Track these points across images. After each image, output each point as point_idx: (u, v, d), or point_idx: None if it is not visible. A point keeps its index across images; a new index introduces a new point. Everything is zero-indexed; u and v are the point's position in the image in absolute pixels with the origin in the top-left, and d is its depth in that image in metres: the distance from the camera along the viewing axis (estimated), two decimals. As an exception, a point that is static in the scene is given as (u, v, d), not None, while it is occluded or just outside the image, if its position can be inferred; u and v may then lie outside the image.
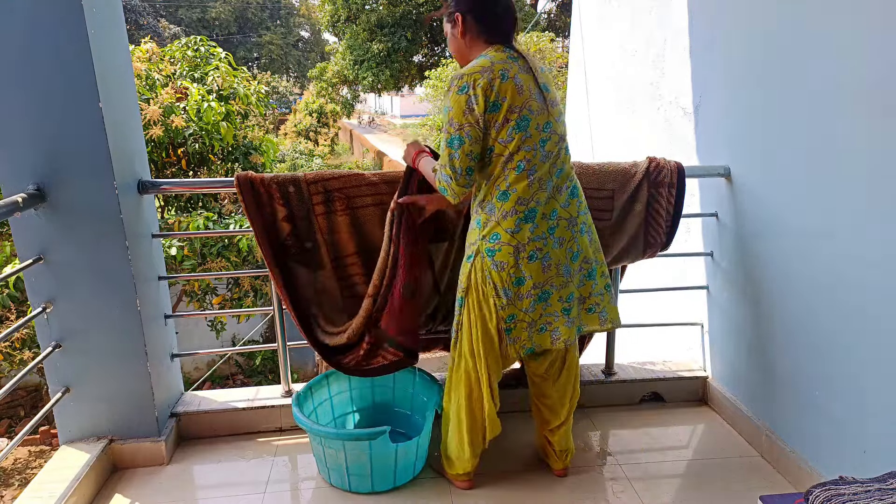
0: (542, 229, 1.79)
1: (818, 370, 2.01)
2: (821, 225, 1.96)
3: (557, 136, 1.80)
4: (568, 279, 1.86)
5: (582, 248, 1.87)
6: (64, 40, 1.84)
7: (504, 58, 1.73)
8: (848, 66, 1.82)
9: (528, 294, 1.83)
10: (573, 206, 1.85)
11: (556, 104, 1.82)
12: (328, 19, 19.97)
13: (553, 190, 1.80)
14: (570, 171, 1.87)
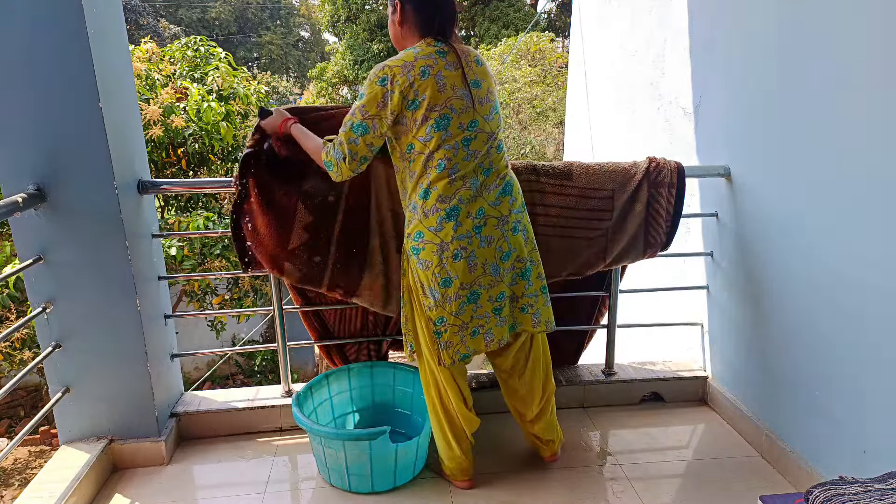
0: (467, 228, 1.75)
1: (818, 370, 2.01)
2: (821, 225, 1.96)
3: (485, 135, 1.76)
4: (497, 278, 1.82)
5: (514, 248, 1.83)
6: (64, 40, 1.84)
7: (431, 52, 1.70)
8: (848, 66, 1.82)
9: (457, 296, 1.78)
10: (504, 205, 1.81)
11: (487, 101, 1.76)
12: (328, 19, 19.97)
13: (480, 188, 1.76)
14: (504, 170, 1.83)
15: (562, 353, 2.82)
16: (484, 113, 1.75)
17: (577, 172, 2.31)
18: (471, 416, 2.03)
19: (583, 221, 2.33)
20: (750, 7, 2.27)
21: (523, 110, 11.69)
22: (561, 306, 2.70)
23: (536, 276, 1.91)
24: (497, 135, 1.80)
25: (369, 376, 2.43)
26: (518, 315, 1.90)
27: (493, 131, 1.78)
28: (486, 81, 1.77)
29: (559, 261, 2.36)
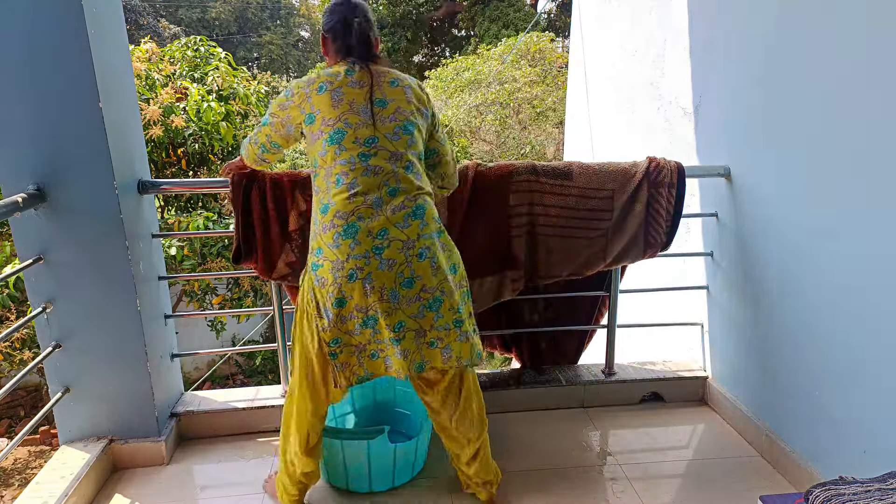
0: (365, 248, 1.64)
1: (818, 370, 2.00)
2: (821, 225, 1.96)
3: (387, 153, 1.69)
4: (395, 306, 1.67)
5: (420, 276, 1.68)
6: (64, 40, 1.84)
7: (338, 71, 1.75)
8: (848, 66, 1.82)
9: (352, 316, 1.68)
10: (412, 228, 1.68)
11: (393, 120, 1.72)
12: (328, 19, 19.92)
13: (384, 207, 1.67)
14: (415, 191, 1.71)
15: (562, 352, 2.82)
16: (386, 131, 1.71)
17: (577, 172, 2.31)
18: (304, 459, 1.89)
19: (583, 221, 2.33)
20: (750, 7, 2.27)
21: (523, 110, 11.70)
22: (561, 306, 2.71)
23: (448, 308, 1.73)
24: (406, 155, 1.72)
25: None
26: (426, 351, 1.73)
27: (398, 150, 1.71)
28: (396, 102, 1.74)
29: (559, 261, 2.37)
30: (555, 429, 2.48)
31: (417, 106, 1.78)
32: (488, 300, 2.39)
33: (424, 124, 1.80)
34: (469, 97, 12.00)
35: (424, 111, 1.80)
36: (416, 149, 1.76)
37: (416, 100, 1.78)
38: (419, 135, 1.78)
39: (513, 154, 11.77)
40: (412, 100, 1.77)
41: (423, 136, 1.81)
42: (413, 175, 1.73)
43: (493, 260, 2.35)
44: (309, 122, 1.74)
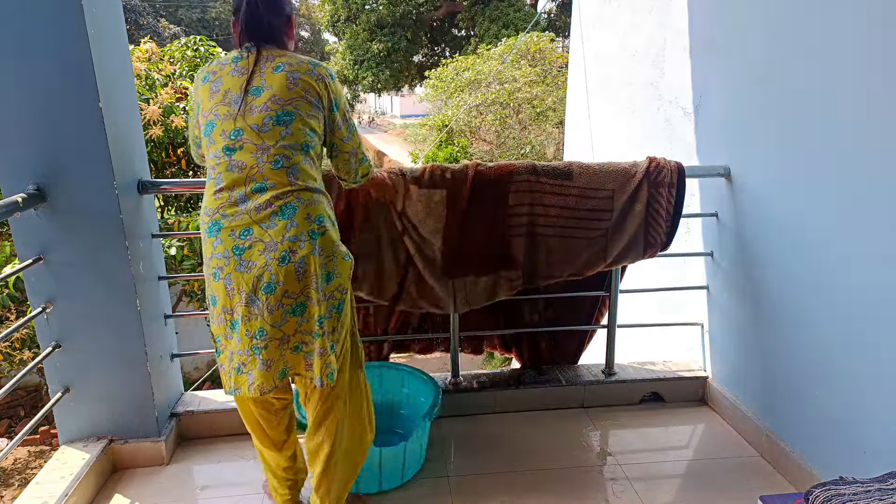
0: (227, 247, 1.55)
1: (818, 370, 2.00)
2: (821, 225, 1.96)
3: (253, 146, 1.57)
4: (255, 312, 1.56)
5: (281, 281, 1.54)
6: (64, 40, 1.84)
7: (227, 59, 1.66)
8: (848, 66, 1.82)
9: (221, 318, 1.61)
10: (278, 230, 1.55)
11: (264, 110, 1.58)
12: (328, 19, 19.96)
13: (248, 204, 1.56)
14: (285, 189, 1.57)
15: (562, 352, 2.82)
16: (253, 122, 1.58)
17: (577, 172, 2.31)
18: (271, 453, 1.86)
19: (583, 222, 2.33)
20: (750, 7, 2.27)
21: (523, 110, 11.70)
22: (561, 306, 2.71)
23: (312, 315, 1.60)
24: (277, 149, 1.58)
25: (377, 377, 2.42)
26: (289, 356, 1.62)
27: (266, 144, 1.57)
28: (272, 90, 1.59)
29: (559, 261, 2.37)
30: (555, 429, 2.48)
31: (303, 94, 1.61)
32: (482, 299, 2.38)
33: (313, 112, 1.64)
34: (469, 97, 12.01)
35: (314, 99, 1.63)
36: (293, 140, 1.60)
37: (305, 87, 1.62)
38: (301, 125, 1.61)
39: (513, 154, 11.76)
40: (296, 87, 1.61)
41: (314, 124, 1.64)
42: (284, 171, 1.58)
43: (490, 259, 2.34)
44: (197, 112, 1.68)
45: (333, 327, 1.65)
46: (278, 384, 1.62)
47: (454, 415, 2.55)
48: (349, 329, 1.74)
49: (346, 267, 1.67)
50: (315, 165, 1.67)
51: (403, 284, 2.34)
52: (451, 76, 12.78)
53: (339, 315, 1.66)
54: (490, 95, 11.58)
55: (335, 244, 1.65)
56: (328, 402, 1.74)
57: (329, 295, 1.63)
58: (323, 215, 1.63)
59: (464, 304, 2.37)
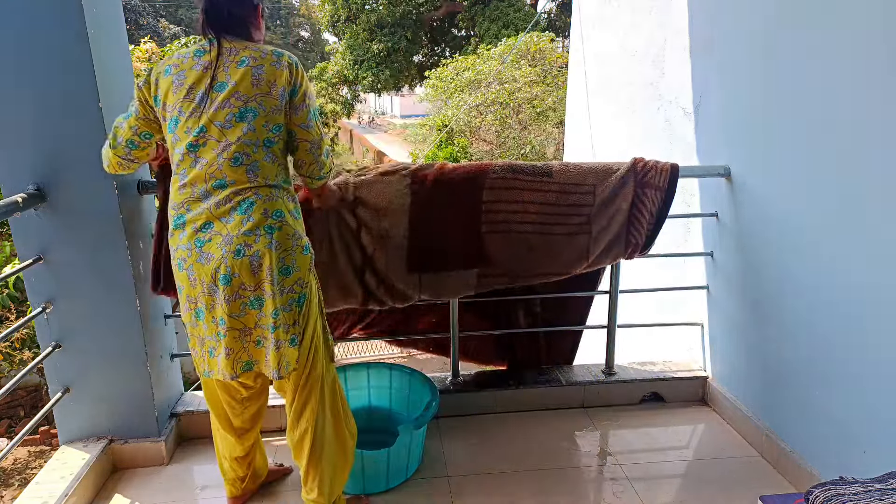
0: (190, 239, 1.61)
1: (818, 370, 2.00)
2: (821, 224, 1.96)
3: (216, 144, 1.59)
4: (215, 301, 1.62)
5: (237, 273, 1.58)
6: (64, 40, 1.84)
7: (188, 52, 1.63)
8: (848, 66, 1.82)
9: (186, 306, 1.68)
10: (235, 224, 1.58)
11: (228, 106, 1.58)
12: (328, 19, 19.97)
13: (209, 199, 1.60)
14: (244, 185, 1.60)
15: (557, 352, 2.81)
16: (217, 119, 1.58)
17: (557, 170, 2.29)
18: (228, 437, 1.92)
19: (563, 217, 2.30)
20: (750, 7, 2.27)
21: (523, 110, 11.70)
22: (555, 307, 2.71)
23: (272, 312, 1.62)
24: (238, 146, 1.59)
25: (388, 377, 2.43)
26: (253, 350, 1.67)
27: (228, 140, 1.58)
28: (237, 85, 1.59)
29: (540, 259, 2.33)
30: (555, 429, 2.48)
31: (267, 89, 1.60)
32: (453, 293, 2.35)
33: (278, 105, 1.63)
34: (469, 97, 12.01)
35: (279, 92, 1.62)
36: (255, 137, 1.60)
37: (268, 83, 1.61)
38: (265, 118, 1.61)
39: (513, 154, 11.76)
40: (260, 83, 1.60)
41: (277, 119, 1.64)
42: (244, 168, 1.60)
43: (460, 256, 2.30)
44: (157, 105, 1.66)
45: (294, 320, 1.67)
46: (239, 374, 1.68)
47: (454, 415, 2.55)
48: (317, 322, 1.77)
49: (305, 260, 1.69)
50: (278, 161, 1.67)
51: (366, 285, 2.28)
52: (451, 76, 12.79)
53: (299, 308, 1.68)
54: (490, 95, 11.59)
55: (293, 238, 1.66)
56: (304, 393, 1.77)
57: (288, 289, 1.65)
58: (282, 210, 1.65)
59: (433, 296, 2.33)
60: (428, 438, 2.37)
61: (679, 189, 2.42)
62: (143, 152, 1.74)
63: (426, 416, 2.11)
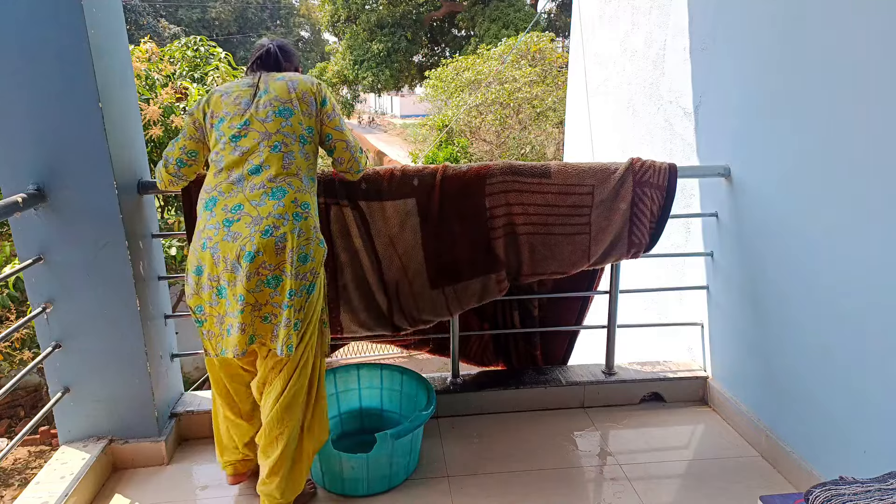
0: (218, 219, 1.74)
1: (818, 370, 2.00)
2: (821, 225, 1.96)
3: (257, 133, 1.80)
4: (237, 277, 1.72)
5: (261, 251, 1.70)
6: (64, 40, 1.84)
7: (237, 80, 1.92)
8: (848, 66, 1.82)
9: (207, 285, 1.77)
10: (266, 208, 1.73)
11: (270, 105, 1.82)
12: (328, 19, 19.98)
13: (243, 184, 1.76)
14: (281, 174, 1.77)
15: (553, 353, 2.81)
16: (260, 115, 1.81)
17: (555, 171, 2.30)
18: (237, 422, 2.01)
19: (563, 218, 2.31)
20: (750, 7, 2.27)
21: (523, 110, 11.70)
22: (552, 308, 2.71)
23: (284, 288, 1.73)
24: (276, 138, 1.79)
25: (378, 377, 2.42)
26: (258, 325, 1.76)
27: (269, 132, 1.80)
28: (275, 91, 1.85)
29: (543, 258, 2.35)
30: (555, 429, 2.48)
31: (301, 96, 1.85)
32: (472, 301, 2.37)
33: (310, 110, 1.86)
34: (469, 97, 12.01)
35: (311, 100, 1.87)
36: (292, 131, 1.82)
37: (302, 91, 1.86)
38: (300, 118, 1.84)
39: (513, 154, 11.76)
40: (294, 90, 1.85)
41: (309, 122, 1.86)
42: (281, 155, 1.79)
43: (476, 264, 2.32)
44: (207, 119, 1.88)
45: (301, 306, 1.78)
46: (247, 349, 1.77)
47: (454, 415, 2.55)
48: (318, 316, 1.87)
49: (320, 252, 1.82)
50: (309, 160, 1.86)
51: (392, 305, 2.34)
52: (451, 76, 12.79)
53: (308, 296, 1.80)
54: (490, 95, 11.59)
55: (314, 230, 1.81)
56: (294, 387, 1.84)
57: (302, 275, 1.77)
58: (309, 203, 1.81)
59: (457, 307, 2.37)
60: (427, 438, 2.37)
61: (679, 189, 2.43)
62: (190, 169, 1.96)
63: (412, 423, 2.06)
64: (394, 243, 2.27)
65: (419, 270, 2.30)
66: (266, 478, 1.88)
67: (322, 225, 2.23)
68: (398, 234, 2.26)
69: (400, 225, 2.25)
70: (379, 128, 30.99)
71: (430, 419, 2.14)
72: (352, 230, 2.25)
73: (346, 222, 2.24)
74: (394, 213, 2.25)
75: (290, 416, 1.85)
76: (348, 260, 2.28)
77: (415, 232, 2.26)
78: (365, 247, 2.27)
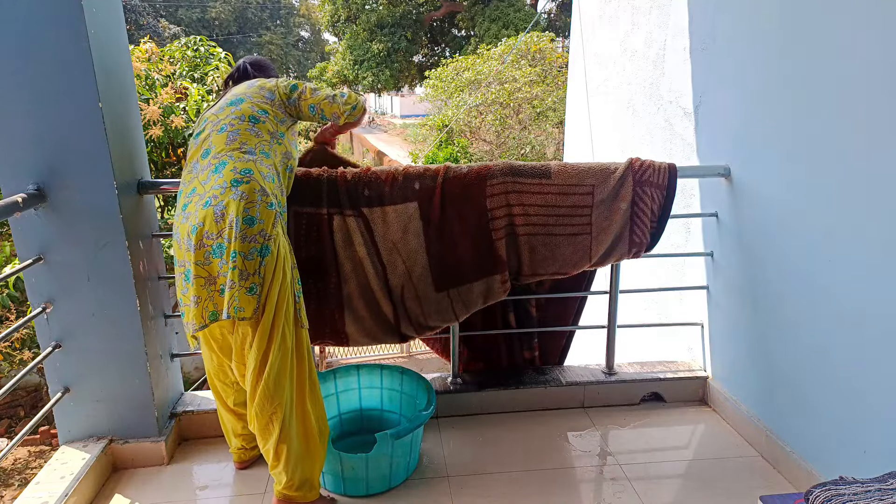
0: (179, 207, 1.84)
1: (818, 370, 2.00)
2: (821, 225, 1.96)
3: (211, 125, 1.91)
4: (189, 252, 1.76)
5: (202, 222, 1.73)
6: (64, 40, 1.84)
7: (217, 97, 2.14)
8: (848, 66, 1.82)
9: (178, 272, 1.85)
10: (210, 183, 1.78)
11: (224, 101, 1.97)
12: (328, 19, 19.99)
13: (197, 170, 1.85)
14: (223, 150, 1.84)
15: (550, 353, 2.81)
16: (217, 109, 1.96)
17: (555, 171, 2.29)
18: (226, 415, 2.12)
19: (563, 218, 2.31)
20: (750, 7, 2.27)
21: (523, 110, 11.70)
22: (549, 306, 2.70)
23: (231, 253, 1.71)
24: (223, 122, 1.90)
25: (378, 378, 2.42)
26: (218, 299, 1.76)
27: (219, 119, 1.91)
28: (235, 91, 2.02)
29: (543, 259, 2.35)
30: (555, 429, 2.48)
31: (258, 90, 1.99)
32: (478, 303, 2.36)
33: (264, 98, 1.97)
34: (469, 97, 12.01)
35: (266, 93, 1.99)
36: (240, 113, 1.91)
37: (259, 86, 2.01)
38: (251, 103, 1.94)
39: (513, 154, 11.76)
40: (251, 87, 2.01)
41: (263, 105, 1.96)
42: (225, 135, 1.87)
43: (479, 266, 2.32)
44: None
45: (255, 270, 1.74)
46: (208, 322, 1.77)
47: (454, 415, 2.55)
48: (284, 283, 1.81)
49: (270, 214, 1.79)
50: (262, 137, 1.91)
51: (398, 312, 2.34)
52: (451, 76, 12.79)
53: (261, 258, 1.75)
54: (490, 95, 11.59)
55: (259, 192, 1.78)
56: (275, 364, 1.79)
57: (251, 238, 1.74)
58: (251, 169, 1.81)
59: (462, 311, 2.37)
60: (427, 438, 2.38)
61: (679, 189, 2.43)
62: None
63: (412, 423, 2.06)
64: (397, 248, 2.27)
65: (423, 274, 2.29)
66: (272, 463, 1.89)
67: (325, 235, 2.23)
68: (401, 238, 2.26)
69: (403, 229, 2.25)
70: (379, 128, 30.98)
71: (430, 419, 2.14)
72: (355, 238, 2.24)
73: (349, 231, 2.24)
74: (396, 218, 2.24)
75: (278, 396, 1.81)
76: (352, 269, 2.27)
77: (417, 235, 2.26)
78: (369, 253, 2.26)
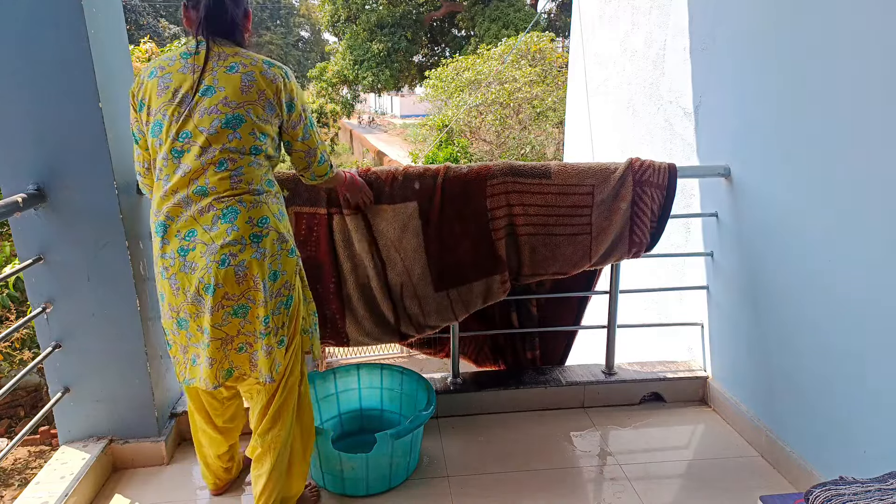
0: (172, 247, 1.60)
1: (818, 370, 2.00)
2: (821, 225, 1.96)
3: (199, 150, 1.56)
4: (200, 310, 1.60)
5: (220, 283, 1.56)
6: (64, 40, 1.84)
7: (175, 55, 1.60)
8: (848, 66, 1.82)
9: (168, 314, 1.67)
10: (220, 233, 1.56)
11: (215, 112, 1.56)
12: (328, 19, 19.98)
13: (191, 207, 1.58)
14: (226, 193, 1.58)
15: (551, 353, 2.81)
16: (202, 125, 1.56)
17: (555, 171, 2.30)
18: (213, 435, 1.97)
19: (564, 219, 2.31)
20: (750, 7, 2.27)
21: (523, 110, 11.70)
22: (552, 308, 2.70)
23: (255, 315, 1.62)
24: (219, 153, 1.57)
25: (378, 378, 2.42)
26: (234, 356, 1.65)
27: (213, 147, 1.56)
28: (225, 91, 1.57)
29: (543, 259, 2.35)
30: (555, 429, 2.48)
31: (256, 97, 1.59)
32: (477, 303, 2.37)
33: (268, 116, 1.63)
34: (469, 97, 12.01)
35: (269, 102, 1.61)
36: (240, 144, 1.59)
37: (259, 89, 1.60)
38: (252, 126, 1.59)
39: (513, 154, 11.76)
40: (250, 89, 1.59)
41: (267, 130, 1.63)
42: (228, 174, 1.57)
43: (479, 265, 2.32)
44: (140, 109, 1.64)
45: (283, 322, 1.69)
46: (223, 382, 1.67)
47: (454, 415, 2.55)
48: (298, 324, 1.77)
49: (291, 263, 1.69)
50: (264, 166, 1.66)
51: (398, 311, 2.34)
52: (451, 76, 12.79)
53: (287, 310, 1.70)
54: (490, 95, 11.59)
55: (279, 242, 1.65)
56: (282, 396, 1.77)
57: (276, 293, 1.66)
58: (267, 216, 1.63)
59: (462, 311, 2.37)
60: (427, 438, 2.38)
61: (679, 189, 2.43)
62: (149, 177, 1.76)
63: (412, 423, 2.05)
64: (396, 247, 2.27)
65: (423, 273, 2.30)
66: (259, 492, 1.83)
67: (325, 235, 2.22)
68: (401, 238, 2.26)
69: (402, 228, 2.25)
70: (379, 128, 30.99)
71: (430, 419, 2.14)
72: (354, 237, 2.24)
73: (349, 230, 2.24)
74: (395, 217, 2.24)
75: (282, 423, 1.79)
76: (352, 269, 2.28)
77: (417, 235, 2.26)
78: (369, 251, 2.26)
